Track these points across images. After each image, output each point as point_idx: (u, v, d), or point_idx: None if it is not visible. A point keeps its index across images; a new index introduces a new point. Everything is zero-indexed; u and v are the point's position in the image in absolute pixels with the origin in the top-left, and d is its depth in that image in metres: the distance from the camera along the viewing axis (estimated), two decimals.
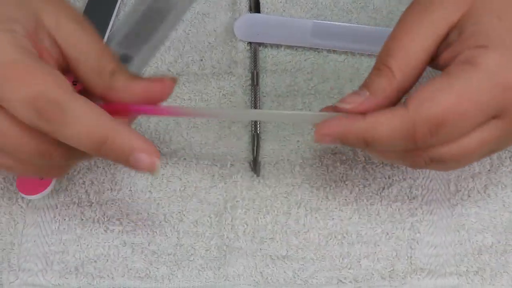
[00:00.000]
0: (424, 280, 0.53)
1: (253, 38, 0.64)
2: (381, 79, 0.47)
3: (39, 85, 0.44)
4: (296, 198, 0.57)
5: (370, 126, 0.46)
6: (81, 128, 0.44)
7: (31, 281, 0.54)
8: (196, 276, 0.54)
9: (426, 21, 0.47)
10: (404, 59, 0.47)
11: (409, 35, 0.47)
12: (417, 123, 0.45)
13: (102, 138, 0.45)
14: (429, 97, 0.45)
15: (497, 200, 0.56)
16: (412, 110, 0.45)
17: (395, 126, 0.46)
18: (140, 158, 0.46)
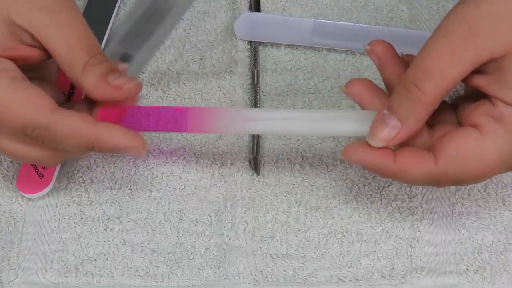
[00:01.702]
0: (424, 278, 0.53)
1: (253, 37, 0.64)
2: (414, 105, 0.45)
3: (22, 116, 0.47)
4: (296, 196, 0.57)
5: (398, 170, 0.47)
6: (69, 141, 0.48)
7: (31, 279, 0.54)
8: (196, 275, 0.54)
9: (473, 46, 0.45)
10: (443, 82, 0.45)
11: (453, 57, 0.45)
12: (442, 178, 0.47)
13: (89, 145, 0.49)
14: (458, 160, 0.46)
15: (497, 199, 0.56)
16: (441, 167, 0.46)
17: (422, 174, 0.47)
18: (127, 152, 0.49)
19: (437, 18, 0.65)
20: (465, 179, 0.47)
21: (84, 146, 0.49)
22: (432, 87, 0.45)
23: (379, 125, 0.47)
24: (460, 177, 0.47)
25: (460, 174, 0.46)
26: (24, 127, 0.48)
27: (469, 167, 0.46)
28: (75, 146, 0.49)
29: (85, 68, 0.48)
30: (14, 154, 0.50)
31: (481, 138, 0.46)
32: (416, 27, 0.65)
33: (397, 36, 0.63)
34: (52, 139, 0.48)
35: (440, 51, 0.45)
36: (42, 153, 0.50)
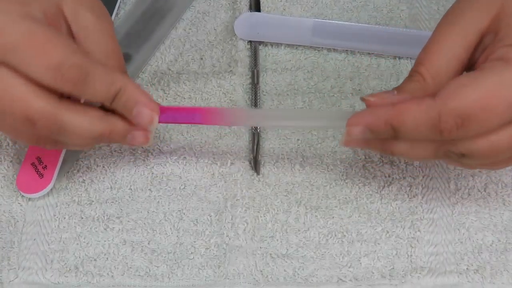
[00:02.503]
0: (424, 278, 0.53)
1: (253, 37, 0.64)
2: (413, 83, 0.48)
3: (61, 52, 0.47)
4: (296, 196, 0.57)
5: (397, 112, 0.47)
6: (101, 86, 0.48)
7: (31, 279, 0.54)
8: (196, 275, 0.54)
9: (456, 30, 0.48)
10: (435, 67, 0.48)
11: (439, 44, 0.48)
12: (442, 113, 0.45)
13: (116, 91, 0.49)
14: (457, 89, 0.45)
15: (497, 198, 0.56)
16: (439, 100, 0.46)
17: (421, 114, 0.46)
18: (142, 111, 0.50)
19: (437, 17, 0.65)
20: (468, 112, 0.45)
21: (112, 91, 0.49)
22: (427, 71, 0.48)
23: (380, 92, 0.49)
24: (461, 109, 0.45)
25: (459, 106, 0.45)
26: (60, 62, 0.46)
27: (467, 96, 0.45)
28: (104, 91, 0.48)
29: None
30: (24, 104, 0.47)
31: (479, 71, 0.46)
32: (416, 27, 0.65)
33: (397, 36, 0.63)
34: (85, 83, 0.47)
35: (431, 41, 0.49)
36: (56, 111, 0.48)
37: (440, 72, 0.48)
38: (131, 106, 0.50)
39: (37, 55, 0.46)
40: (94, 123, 0.49)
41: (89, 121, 0.49)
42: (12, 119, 0.48)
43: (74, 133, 0.49)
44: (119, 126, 0.51)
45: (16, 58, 0.46)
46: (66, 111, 0.48)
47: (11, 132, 0.51)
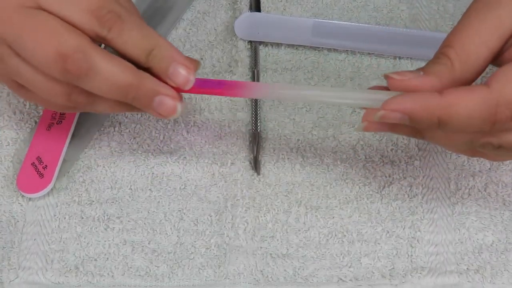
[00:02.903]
0: (425, 278, 0.53)
1: (254, 37, 0.64)
2: (439, 65, 0.45)
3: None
4: (296, 196, 0.57)
5: (448, 103, 0.43)
6: (137, 35, 0.47)
7: (31, 279, 0.54)
8: (196, 275, 0.54)
9: (491, 17, 0.45)
10: (466, 52, 0.45)
11: (472, 28, 0.45)
12: (500, 104, 0.43)
13: (151, 46, 0.47)
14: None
15: (497, 198, 0.56)
16: (496, 90, 0.43)
17: (476, 105, 0.43)
18: (179, 69, 0.48)
19: (437, 17, 0.65)
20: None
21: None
22: (457, 56, 0.45)
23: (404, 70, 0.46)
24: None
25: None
26: (100, 6, 0.47)
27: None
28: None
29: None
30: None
31: None
32: (416, 27, 0.65)
33: (397, 36, 0.63)
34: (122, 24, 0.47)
35: (462, 25, 0.46)
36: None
37: (470, 58, 0.45)
38: (168, 63, 0.48)
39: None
40: (125, 71, 0.48)
41: (120, 68, 0.47)
42: (43, 56, 0.47)
43: (103, 77, 0.47)
44: (149, 82, 0.48)
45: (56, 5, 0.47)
46: (99, 53, 0.47)
47: (40, 84, 0.49)
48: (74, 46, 0.47)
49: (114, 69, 0.47)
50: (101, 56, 0.47)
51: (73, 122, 0.59)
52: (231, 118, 0.60)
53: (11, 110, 0.61)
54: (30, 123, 0.60)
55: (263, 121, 0.60)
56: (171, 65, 0.48)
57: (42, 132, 0.58)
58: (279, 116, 0.60)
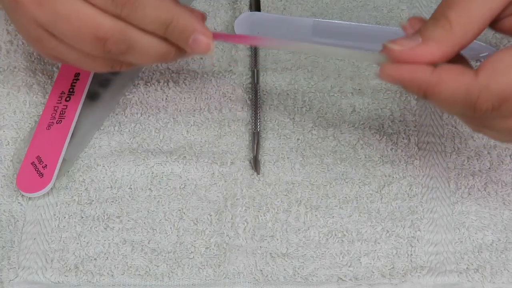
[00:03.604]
0: (425, 278, 0.53)
1: None
2: (438, 29, 0.45)
3: (101, 24, 0.48)
4: (296, 196, 0.57)
5: (434, 80, 0.44)
6: (151, 10, 0.48)
7: (31, 279, 0.54)
8: (196, 274, 0.54)
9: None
10: (466, 13, 0.44)
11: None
12: (482, 94, 0.44)
13: (168, 20, 0.49)
14: (502, 70, 0.43)
15: (497, 198, 0.56)
16: (482, 79, 0.44)
17: (459, 89, 0.44)
18: (199, 38, 0.50)
19: None
20: (507, 98, 0.44)
21: (163, 18, 0.49)
22: (456, 17, 0.44)
23: (403, 37, 0.46)
24: (503, 91, 0.44)
25: (504, 86, 0.43)
26: None
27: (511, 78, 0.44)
28: (154, 17, 0.48)
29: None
30: (85, 21, 0.48)
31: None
32: None
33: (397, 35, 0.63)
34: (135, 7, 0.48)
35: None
36: (115, 24, 0.48)
37: (470, 20, 0.44)
38: (188, 34, 0.49)
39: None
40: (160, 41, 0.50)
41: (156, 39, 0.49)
42: (83, 42, 0.49)
43: (142, 50, 0.50)
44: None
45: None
46: (134, 29, 0.49)
47: (81, 59, 0.51)
48: (111, 28, 0.48)
49: (151, 41, 0.49)
50: (137, 32, 0.49)
51: (73, 122, 0.59)
52: (231, 118, 0.60)
53: (11, 110, 0.61)
54: (30, 122, 0.60)
55: (263, 120, 0.60)
56: (191, 36, 0.49)
57: (42, 131, 0.58)
58: (279, 116, 0.60)
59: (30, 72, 0.63)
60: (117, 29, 0.49)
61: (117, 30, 0.49)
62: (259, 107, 0.60)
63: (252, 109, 0.60)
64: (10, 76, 0.62)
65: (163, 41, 0.50)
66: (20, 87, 0.62)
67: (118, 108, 0.61)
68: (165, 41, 0.50)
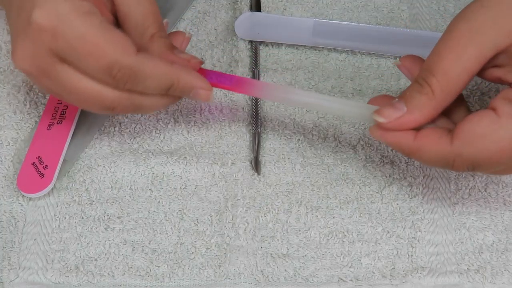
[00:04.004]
0: (425, 278, 0.53)
1: (254, 37, 0.64)
2: (422, 96, 0.48)
3: (109, 55, 0.49)
4: (297, 196, 0.57)
5: (416, 147, 0.49)
6: (151, 82, 0.51)
7: (32, 279, 0.54)
8: (197, 275, 0.54)
9: (474, 43, 0.47)
10: (446, 79, 0.48)
11: (454, 54, 0.47)
12: (456, 159, 0.48)
13: (168, 84, 0.51)
14: (474, 141, 0.47)
15: (497, 198, 0.56)
16: (456, 147, 0.47)
17: (438, 154, 0.48)
18: (199, 92, 0.53)
19: (437, 17, 0.65)
20: (479, 162, 0.47)
21: (164, 85, 0.51)
22: (438, 84, 0.48)
23: (387, 106, 0.49)
24: (474, 159, 0.47)
25: (474, 156, 0.47)
26: (110, 66, 0.49)
27: (483, 148, 0.47)
28: (156, 86, 0.51)
29: (154, 38, 0.53)
30: (91, 95, 0.50)
31: (497, 120, 0.47)
32: (417, 27, 0.65)
33: (397, 36, 0.63)
34: (135, 80, 0.50)
35: (444, 50, 0.48)
36: (120, 95, 0.51)
37: (450, 84, 0.48)
38: (189, 91, 0.53)
39: (90, 57, 0.48)
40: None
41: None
42: (92, 108, 0.52)
43: (149, 107, 0.52)
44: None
45: (74, 58, 0.49)
46: (139, 95, 0.51)
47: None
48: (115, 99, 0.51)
49: (156, 99, 0.52)
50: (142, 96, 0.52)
51: (73, 122, 0.59)
52: (231, 118, 0.60)
53: (11, 110, 0.61)
54: (30, 123, 0.60)
55: (264, 121, 0.60)
56: (191, 92, 0.53)
57: (42, 132, 0.58)
58: (279, 116, 0.60)
59: None
60: (123, 99, 0.51)
61: (123, 100, 0.51)
62: (259, 108, 0.60)
63: (253, 110, 0.60)
64: (10, 76, 0.62)
65: (167, 96, 0.53)
66: (21, 87, 0.62)
67: None
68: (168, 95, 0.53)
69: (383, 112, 0.49)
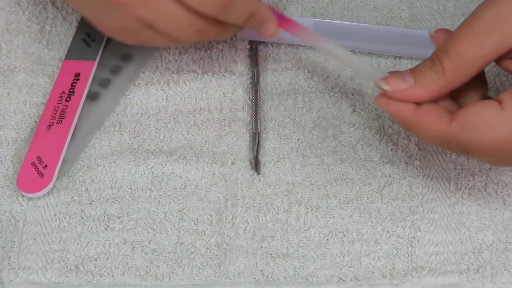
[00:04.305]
0: (425, 278, 0.53)
1: (254, 37, 0.64)
2: (432, 73, 0.48)
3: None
4: (296, 196, 0.57)
5: (414, 121, 0.49)
6: (243, 11, 0.53)
7: (31, 279, 0.54)
8: (197, 274, 0.54)
9: (497, 31, 0.47)
10: (460, 62, 0.47)
11: (474, 38, 0.47)
12: (452, 141, 0.48)
13: (251, 13, 0.54)
14: (472, 125, 0.47)
15: (497, 198, 0.56)
16: (454, 129, 0.48)
17: (435, 132, 0.48)
18: (270, 27, 0.56)
19: (437, 17, 0.65)
20: (472, 148, 0.47)
21: (247, 13, 0.53)
22: (450, 65, 0.48)
23: (395, 74, 0.50)
24: (467, 143, 0.47)
25: (468, 140, 0.47)
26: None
27: (478, 134, 0.47)
28: (243, 15, 0.53)
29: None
30: (185, 22, 0.52)
31: (499, 112, 0.47)
32: (417, 27, 0.65)
33: (397, 36, 0.63)
34: (230, 7, 0.52)
35: (464, 34, 0.48)
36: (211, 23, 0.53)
37: (463, 68, 0.48)
38: (263, 24, 0.56)
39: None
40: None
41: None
42: (183, 35, 0.53)
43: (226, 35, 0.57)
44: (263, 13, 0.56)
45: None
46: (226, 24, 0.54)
47: (169, 43, 0.56)
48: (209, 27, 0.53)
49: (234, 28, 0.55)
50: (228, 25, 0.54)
51: (73, 122, 0.59)
52: (231, 118, 0.60)
53: (11, 110, 0.61)
54: (30, 122, 0.60)
55: (263, 121, 0.60)
56: (265, 24, 0.56)
57: (42, 131, 0.58)
58: (279, 116, 0.60)
59: (31, 72, 0.63)
60: (216, 27, 0.53)
61: (216, 28, 0.53)
62: (259, 108, 0.60)
63: (253, 110, 0.60)
64: (10, 76, 0.62)
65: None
66: (21, 87, 0.62)
67: (119, 108, 0.61)
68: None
69: (390, 80, 0.49)
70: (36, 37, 0.65)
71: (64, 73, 0.61)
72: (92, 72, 0.61)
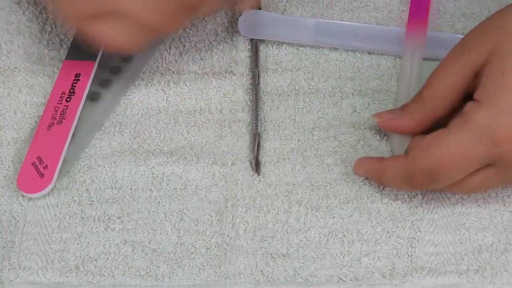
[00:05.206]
0: (425, 278, 0.53)
1: (257, 35, 0.64)
2: (414, 105, 0.55)
3: None
4: (296, 196, 0.57)
5: (382, 169, 0.55)
6: None
7: (32, 279, 0.54)
8: (197, 275, 0.54)
9: (460, 60, 0.53)
10: (434, 91, 0.54)
11: (443, 70, 0.53)
12: (413, 172, 0.52)
13: None
14: (423, 149, 0.52)
15: (497, 199, 0.56)
16: (410, 159, 0.52)
17: (398, 171, 0.53)
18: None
19: (437, 17, 0.65)
20: (433, 170, 0.51)
21: None
22: (428, 95, 0.54)
23: (387, 110, 0.57)
24: (427, 167, 0.51)
25: (425, 165, 0.51)
26: None
27: (431, 155, 0.51)
28: None
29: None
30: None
31: (445, 130, 0.52)
32: None
33: (398, 36, 0.63)
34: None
35: (438, 67, 0.54)
36: None
37: (437, 96, 0.53)
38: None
39: None
40: None
41: None
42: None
43: None
44: None
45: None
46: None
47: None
48: None
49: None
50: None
51: (73, 122, 0.59)
52: (231, 119, 0.60)
53: (11, 110, 0.61)
54: (30, 123, 0.60)
55: (264, 121, 0.60)
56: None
57: (42, 132, 0.58)
58: (279, 117, 0.60)
59: (31, 72, 0.63)
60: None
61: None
62: (259, 108, 0.60)
63: (253, 110, 0.60)
64: (10, 77, 0.62)
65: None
66: (21, 87, 0.62)
67: (119, 109, 0.61)
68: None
69: (380, 114, 0.57)
70: (36, 38, 0.65)
71: (64, 73, 0.61)
72: (93, 72, 0.61)
